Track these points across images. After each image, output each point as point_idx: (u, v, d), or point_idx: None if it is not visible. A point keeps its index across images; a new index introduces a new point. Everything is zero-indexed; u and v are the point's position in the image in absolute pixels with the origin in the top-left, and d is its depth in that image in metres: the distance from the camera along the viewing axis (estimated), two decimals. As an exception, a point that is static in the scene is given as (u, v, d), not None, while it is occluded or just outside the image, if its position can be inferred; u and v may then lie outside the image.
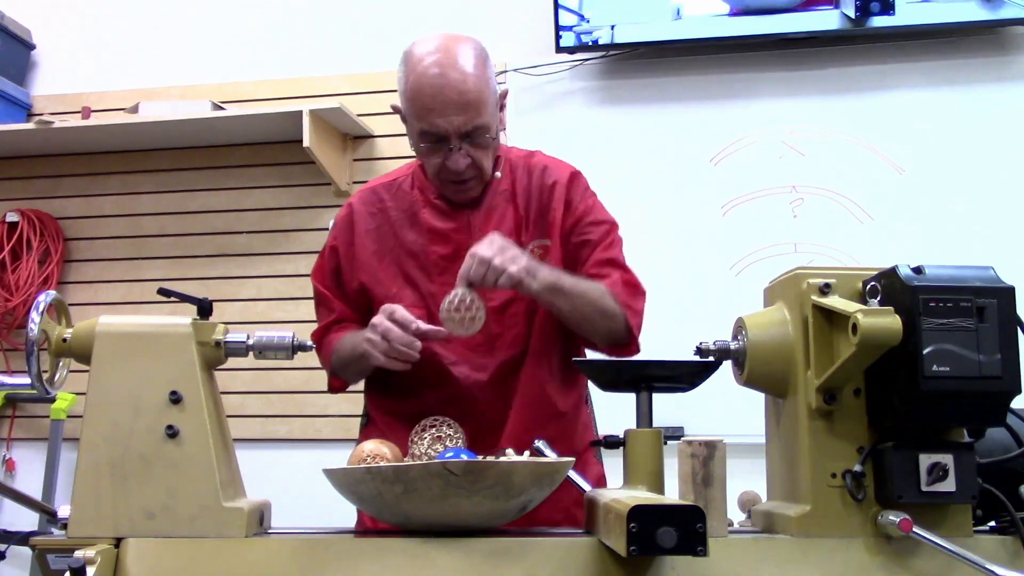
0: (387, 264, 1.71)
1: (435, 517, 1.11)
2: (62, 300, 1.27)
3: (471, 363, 1.66)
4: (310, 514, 1.58)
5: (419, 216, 1.72)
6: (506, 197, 1.72)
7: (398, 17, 3.24)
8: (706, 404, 2.00)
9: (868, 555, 1.10)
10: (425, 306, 1.67)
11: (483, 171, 1.66)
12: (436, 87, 1.57)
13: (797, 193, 2.91)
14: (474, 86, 1.58)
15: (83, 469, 1.16)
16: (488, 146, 1.64)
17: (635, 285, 1.70)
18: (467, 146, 1.61)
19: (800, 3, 2.87)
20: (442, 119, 1.57)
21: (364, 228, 1.73)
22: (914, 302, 1.04)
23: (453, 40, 1.62)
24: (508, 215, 1.70)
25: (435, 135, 1.59)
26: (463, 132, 1.59)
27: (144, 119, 3.03)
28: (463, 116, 1.57)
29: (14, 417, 3.24)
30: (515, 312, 1.67)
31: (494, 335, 1.66)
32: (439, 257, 1.69)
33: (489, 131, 1.62)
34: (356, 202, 1.78)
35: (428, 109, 1.58)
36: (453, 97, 1.56)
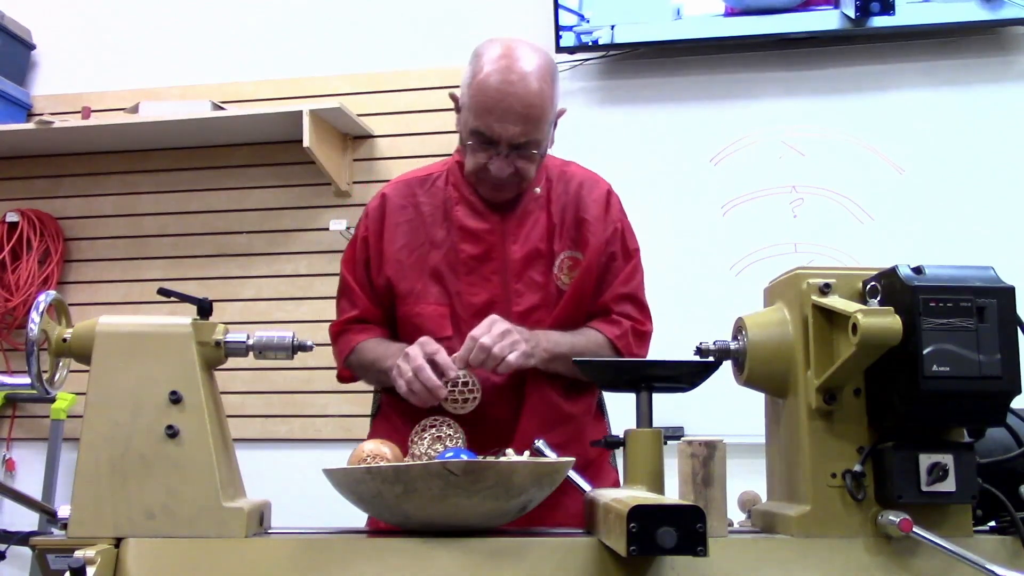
0: (415, 259, 1.70)
1: (435, 517, 1.11)
2: (62, 300, 1.27)
3: None
4: (310, 514, 1.58)
5: (452, 213, 1.71)
6: (540, 204, 1.72)
7: (398, 17, 3.24)
8: (706, 404, 2.00)
9: (868, 555, 1.10)
10: (449, 304, 1.67)
11: (523, 180, 1.66)
12: (502, 92, 1.57)
13: (797, 193, 2.91)
14: (538, 101, 1.58)
15: (83, 469, 1.16)
16: (535, 160, 1.64)
17: (643, 334, 1.72)
18: (515, 156, 1.61)
19: (800, 3, 2.87)
20: (499, 125, 1.57)
21: (394, 221, 1.73)
22: (914, 302, 1.04)
23: (530, 49, 1.63)
24: (541, 221, 1.70)
25: (487, 137, 1.60)
26: (515, 143, 1.59)
27: (144, 119, 3.03)
28: (520, 127, 1.58)
29: (14, 417, 3.24)
30: (537, 319, 1.67)
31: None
32: (468, 256, 1.68)
33: (540, 147, 1.63)
34: (389, 193, 1.76)
35: (488, 111, 1.58)
36: (516, 107, 1.57)
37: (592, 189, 1.75)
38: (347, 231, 3.05)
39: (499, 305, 1.67)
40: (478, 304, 1.67)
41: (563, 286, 1.69)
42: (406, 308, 1.69)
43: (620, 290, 1.72)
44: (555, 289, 1.69)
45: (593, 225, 1.71)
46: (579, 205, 1.72)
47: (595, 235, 1.70)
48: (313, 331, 2.98)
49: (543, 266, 1.69)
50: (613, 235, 1.73)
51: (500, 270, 1.68)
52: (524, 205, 1.71)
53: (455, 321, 1.67)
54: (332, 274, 3.07)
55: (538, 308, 1.68)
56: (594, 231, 1.71)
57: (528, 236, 1.69)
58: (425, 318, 1.68)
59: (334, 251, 3.12)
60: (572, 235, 1.71)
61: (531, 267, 1.68)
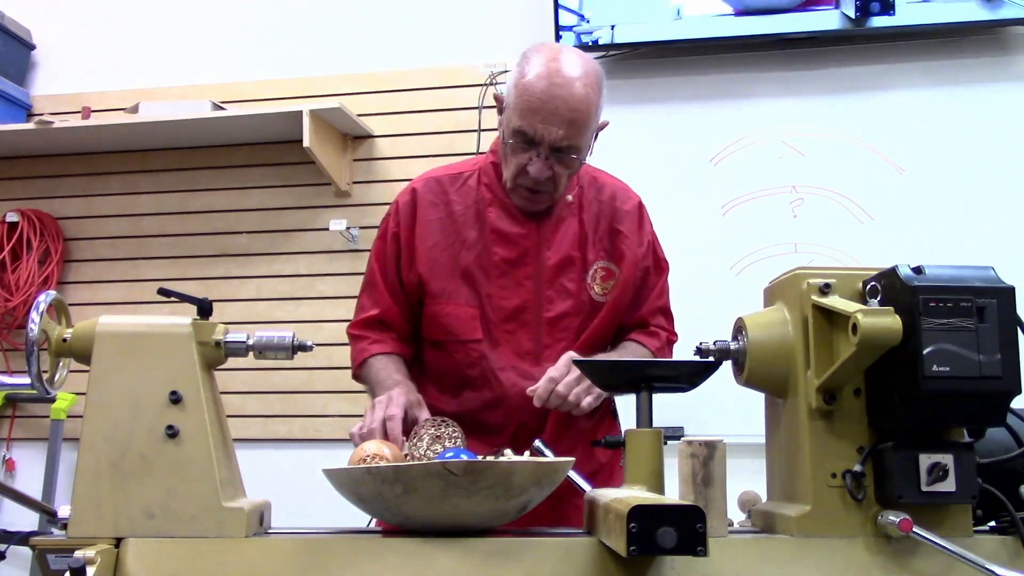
0: (447, 259, 1.68)
1: (435, 517, 1.11)
2: (62, 300, 1.27)
3: (518, 370, 1.65)
4: (310, 514, 1.58)
5: (484, 214, 1.70)
6: (572, 210, 1.72)
7: (398, 17, 3.24)
8: (706, 404, 2.00)
9: (868, 555, 1.10)
10: (479, 306, 1.66)
11: (558, 188, 1.65)
12: (550, 93, 1.56)
13: (797, 193, 2.91)
14: (584, 107, 1.58)
15: (83, 469, 1.16)
16: (573, 168, 1.64)
17: (673, 343, 1.80)
18: (554, 160, 1.60)
19: (800, 3, 2.87)
20: (543, 126, 1.56)
21: (426, 218, 1.71)
22: (914, 302, 1.04)
23: (579, 56, 1.63)
24: (573, 227, 1.71)
25: (530, 138, 1.58)
26: (557, 146, 1.58)
27: (144, 119, 3.03)
28: (564, 131, 1.56)
29: (14, 417, 3.24)
30: (566, 326, 1.67)
31: (543, 345, 1.66)
32: (501, 259, 1.67)
33: (579, 154, 1.62)
34: (420, 189, 1.74)
35: (534, 111, 1.57)
36: (562, 110, 1.56)
37: (625, 201, 1.76)
38: (347, 231, 3.06)
39: (530, 311, 1.66)
40: (509, 308, 1.66)
41: (596, 296, 1.69)
42: (436, 307, 1.68)
43: (656, 304, 1.77)
44: (588, 298, 1.68)
45: (629, 239, 1.72)
46: (613, 216, 1.73)
47: (631, 249, 1.71)
48: (313, 331, 3.01)
49: (575, 273, 1.69)
50: (648, 249, 1.75)
51: (533, 275, 1.67)
52: (558, 211, 1.71)
53: (485, 324, 1.66)
54: (332, 274, 3.11)
55: (568, 315, 1.67)
56: (629, 245, 1.71)
57: (561, 243, 1.69)
58: (455, 319, 1.67)
59: (334, 251, 3.13)
60: (606, 245, 1.71)
61: (563, 274, 1.68)
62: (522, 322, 1.67)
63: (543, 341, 1.66)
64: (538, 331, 1.66)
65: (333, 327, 3.05)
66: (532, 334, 1.67)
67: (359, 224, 3.09)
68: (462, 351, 1.67)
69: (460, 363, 1.67)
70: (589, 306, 1.69)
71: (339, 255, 3.12)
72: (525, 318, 1.67)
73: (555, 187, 1.64)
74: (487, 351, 1.66)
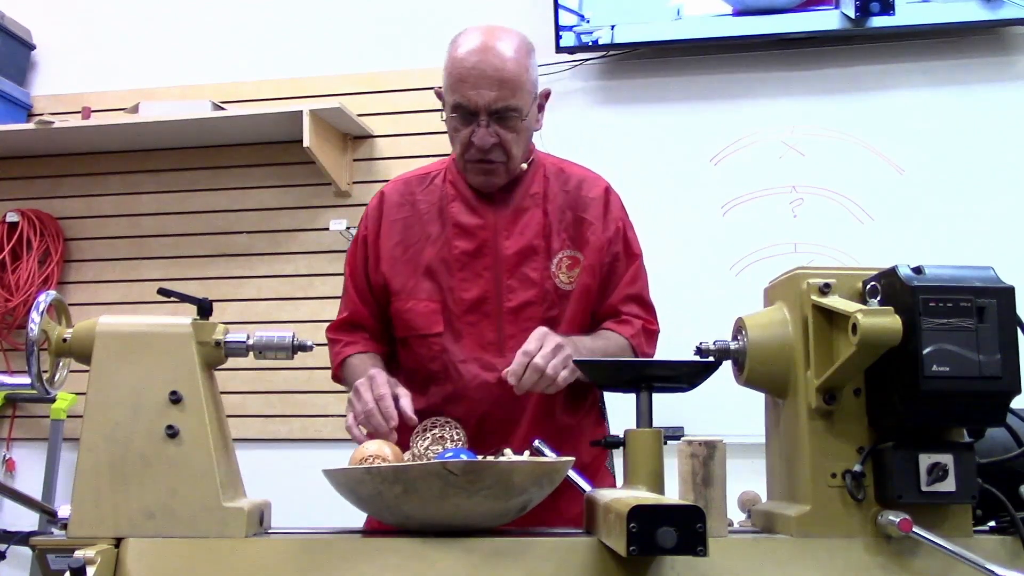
0: (409, 255, 1.71)
1: (435, 517, 1.11)
2: (62, 300, 1.27)
3: (480, 362, 1.65)
4: (310, 514, 1.58)
5: (447, 210, 1.72)
6: (536, 201, 1.71)
7: (398, 17, 3.24)
8: (706, 404, 2.00)
9: (868, 555, 1.10)
10: (441, 299, 1.67)
11: (511, 156, 1.65)
12: (474, 61, 1.60)
13: (797, 193, 2.91)
14: (512, 68, 1.60)
15: (83, 469, 1.16)
16: (518, 131, 1.64)
17: (653, 332, 1.74)
18: (496, 125, 1.61)
19: (800, 3, 2.87)
20: (474, 92, 1.59)
21: (391, 218, 1.74)
22: (914, 302, 1.04)
23: (500, 28, 1.67)
24: (536, 218, 1.70)
25: (466, 108, 1.61)
26: (493, 109, 1.60)
27: (144, 119, 3.03)
28: (496, 92, 1.59)
29: (14, 417, 3.24)
30: (530, 316, 1.66)
31: (506, 336, 1.66)
32: (461, 252, 1.69)
33: (520, 115, 1.62)
34: (388, 191, 1.79)
35: (462, 81, 1.60)
36: (489, 72, 1.59)
37: (591, 188, 1.74)
38: (347, 231, 3.06)
39: (491, 301, 1.66)
40: (469, 300, 1.67)
41: (562, 285, 1.68)
42: (399, 304, 1.70)
43: (626, 291, 1.72)
44: (552, 287, 1.68)
45: (593, 225, 1.71)
46: (578, 204, 1.72)
47: (596, 235, 1.70)
48: (313, 331, 2.97)
49: (539, 263, 1.68)
50: (615, 235, 1.72)
51: (492, 266, 1.68)
52: (518, 201, 1.71)
53: (447, 317, 1.67)
54: (332, 274, 3.11)
55: (531, 304, 1.67)
56: (594, 231, 1.70)
57: (523, 232, 1.69)
58: (416, 314, 1.68)
59: (334, 251, 3.13)
60: (571, 233, 1.70)
61: (525, 263, 1.68)
62: (484, 313, 1.67)
63: (506, 331, 1.65)
64: (500, 322, 1.66)
65: (333, 327, 3.05)
66: (494, 325, 1.66)
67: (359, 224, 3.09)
68: (424, 345, 1.68)
69: (423, 358, 1.68)
70: (554, 295, 1.67)
71: (339, 255, 3.12)
72: (486, 309, 1.67)
73: (506, 155, 1.64)
74: (448, 344, 1.66)
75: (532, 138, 1.73)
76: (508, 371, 1.48)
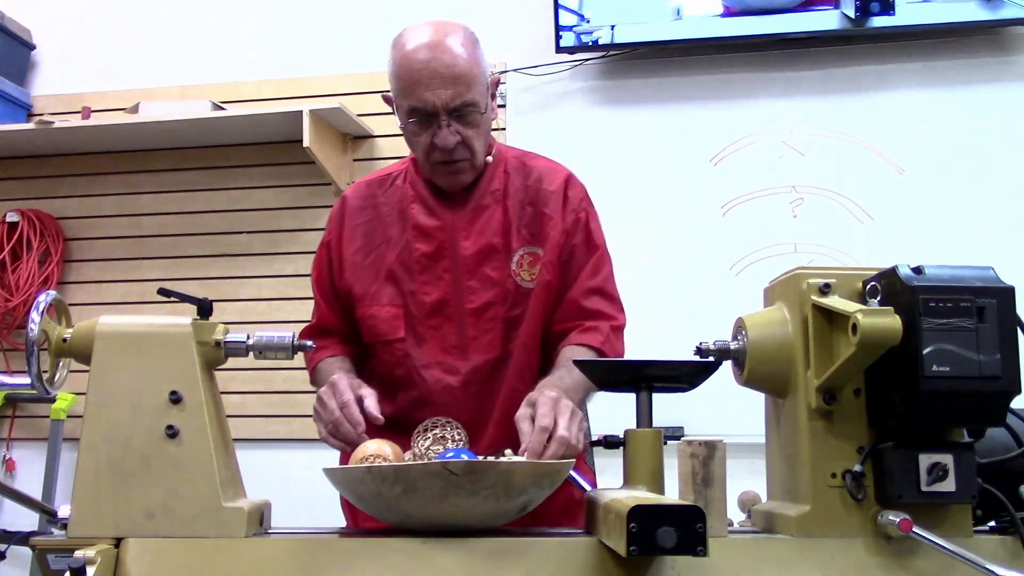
0: (371, 260, 1.69)
1: (435, 517, 1.11)
2: (62, 300, 1.27)
3: (443, 366, 1.63)
4: (310, 514, 1.58)
5: (407, 211, 1.69)
6: (496, 198, 1.68)
7: (398, 17, 3.19)
8: (706, 404, 2.00)
9: (868, 555, 1.10)
10: (403, 304, 1.65)
11: (474, 153, 1.62)
12: (424, 61, 1.55)
13: (797, 193, 2.91)
14: (463, 62, 1.56)
15: (83, 469, 1.16)
16: (478, 125, 1.60)
17: (618, 329, 1.67)
18: (456, 123, 1.57)
19: (800, 3, 2.87)
20: (430, 92, 1.54)
21: (353, 223, 1.72)
22: (914, 302, 1.04)
23: (441, 23, 1.62)
24: (496, 216, 1.67)
25: (423, 111, 1.56)
26: (452, 107, 1.55)
27: (144, 119, 3.03)
28: (452, 90, 1.54)
29: (14, 417, 3.24)
30: (492, 316, 1.63)
31: (469, 338, 1.63)
32: (421, 255, 1.66)
33: (479, 109, 1.58)
34: (349, 196, 1.76)
35: (416, 83, 1.55)
36: (441, 71, 1.54)
37: (551, 180, 1.70)
38: (347, 231, 3.06)
39: (452, 303, 1.63)
40: (430, 303, 1.64)
41: (523, 283, 1.64)
42: (362, 310, 1.68)
43: (587, 284, 1.67)
44: (513, 286, 1.64)
45: (553, 219, 1.67)
46: (538, 198, 1.68)
47: (555, 228, 1.66)
48: (313, 331, 3.00)
49: (499, 262, 1.65)
50: (574, 225, 1.68)
51: (451, 268, 1.65)
52: (477, 199, 1.68)
53: (408, 321, 1.65)
54: (332, 274, 3.10)
55: (493, 305, 1.64)
56: (554, 224, 1.66)
57: (482, 231, 1.66)
58: (379, 320, 1.66)
59: (334, 251, 3.12)
60: (531, 230, 1.67)
61: (485, 263, 1.64)
62: (446, 316, 1.64)
63: (468, 333, 1.63)
64: (462, 323, 1.63)
65: (333, 327, 3.05)
66: (456, 327, 1.63)
67: (359, 224, 3.09)
68: (388, 351, 1.66)
69: (388, 363, 1.66)
70: (515, 294, 1.64)
71: (339, 255, 3.12)
72: (448, 311, 1.64)
73: (471, 152, 1.61)
74: (410, 349, 1.64)
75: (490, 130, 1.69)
76: (527, 451, 1.32)
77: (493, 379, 1.63)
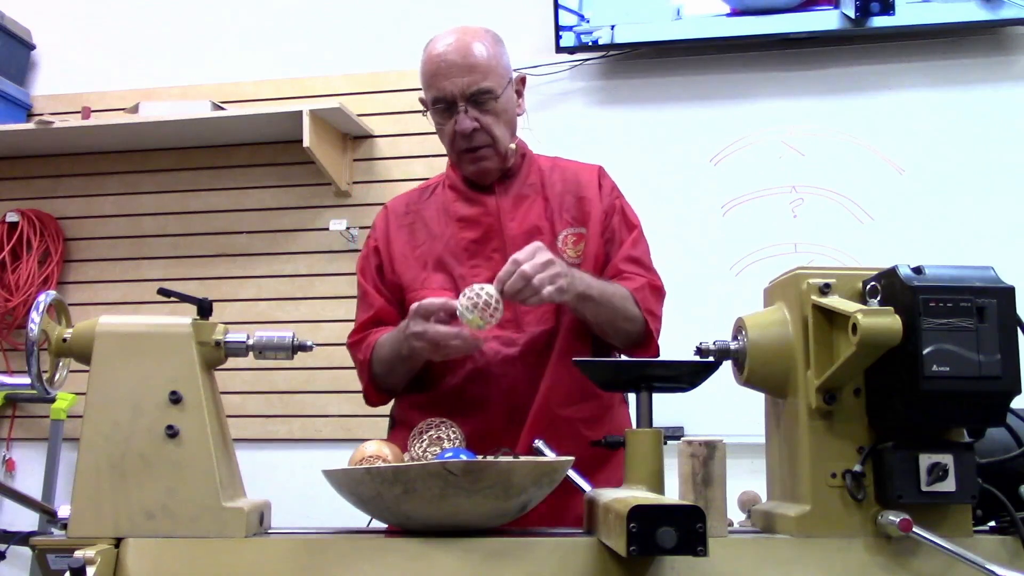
0: (419, 253, 1.75)
1: (435, 517, 1.11)
2: (62, 300, 1.27)
3: (500, 339, 1.67)
4: (310, 514, 1.59)
5: (450, 209, 1.77)
6: (535, 189, 1.77)
7: (398, 17, 3.24)
8: (706, 404, 2.00)
9: (868, 555, 1.10)
10: (454, 287, 1.70)
11: (496, 139, 1.70)
12: (443, 54, 1.68)
13: (797, 193, 2.91)
14: (480, 52, 1.68)
15: (83, 469, 1.16)
16: (496, 112, 1.69)
17: (658, 289, 1.74)
18: (474, 110, 1.67)
19: (800, 3, 2.87)
20: (448, 81, 1.66)
21: (398, 224, 1.79)
22: (914, 302, 1.04)
23: (466, 26, 1.74)
24: (538, 203, 1.75)
25: (444, 99, 1.68)
26: (468, 94, 1.66)
27: (144, 119, 3.03)
28: (468, 78, 1.66)
29: (14, 417, 3.24)
30: None
31: (522, 312, 1.68)
32: (468, 242, 1.72)
33: (494, 95, 1.68)
34: (392, 204, 1.85)
35: (437, 75, 1.68)
36: (458, 61, 1.67)
37: (585, 172, 1.80)
38: (347, 231, 3.06)
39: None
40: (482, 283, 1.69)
41: (570, 260, 1.70)
42: (412, 295, 1.72)
43: (626, 254, 1.74)
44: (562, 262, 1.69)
45: (592, 202, 1.75)
46: (577, 187, 1.77)
47: (595, 208, 1.75)
48: (313, 331, 3.01)
49: (545, 240, 1.69)
50: (611, 209, 1.76)
51: (500, 248, 1.70)
52: (517, 190, 1.76)
53: None
54: (332, 274, 3.11)
55: None
56: (593, 205, 1.75)
57: (526, 215, 1.73)
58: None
59: (334, 251, 3.13)
60: (573, 213, 1.75)
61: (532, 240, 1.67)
62: None
63: (521, 308, 1.67)
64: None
65: (333, 327, 3.04)
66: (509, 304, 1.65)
67: (359, 224, 3.09)
68: None
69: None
70: None
71: (339, 255, 3.12)
72: None
73: (492, 138, 1.70)
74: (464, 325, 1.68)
75: (516, 122, 1.77)
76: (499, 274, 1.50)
77: (548, 348, 1.68)
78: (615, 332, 1.67)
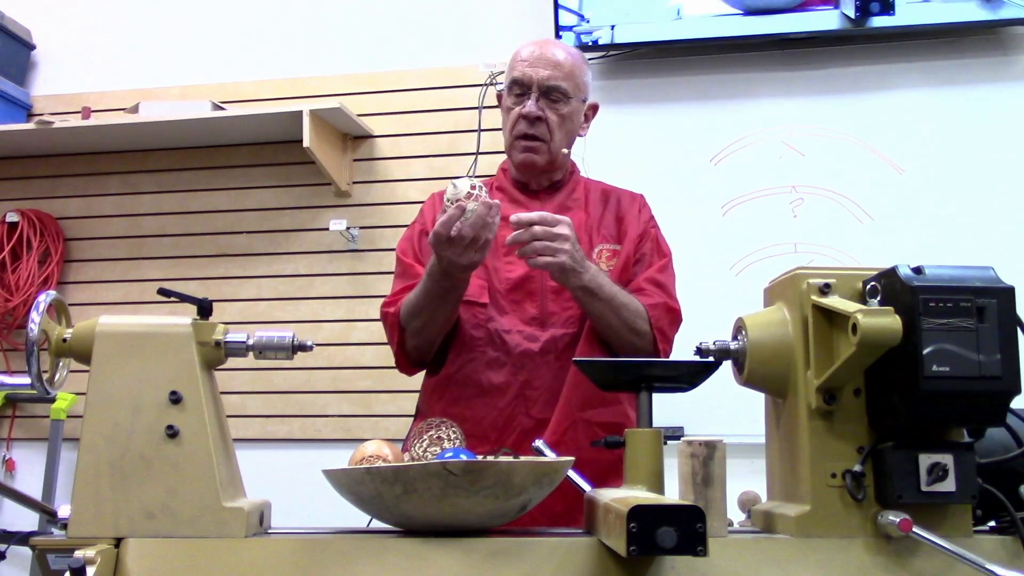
0: None
1: (435, 517, 1.11)
2: (62, 300, 1.27)
3: (524, 333, 1.73)
4: (310, 514, 1.58)
5: None
6: (578, 204, 1.84)
7: (398, 17, 3.24)
8: (706, 404, 2.00)
9: (868, 555, 1.10)
10: (487, 279, 1.76)
11: (552, 137, 1.79)
12: (534, 47, 1.82)
13: (797, 193, 2.91)
14: (568, 60, 1.81)
15: (83, 469, 1.16)
16: (561, 116, 1.79)
17: (674, 312, 1.77)
18: (544, 102, 1.77)
19: (800, 3, 2.87)
20: (530, 68, 1.79)
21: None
22: (914, 302, 1.04)
23: (561, 41, 1.87)
24: (579, 216, 1.81)
25: (521, 83, 1.79)
26: (544, 86, 1.77)
27: (144, 119, 3.03)
28: (549, 72, 1.78)
29: (14, 417, 3.24)
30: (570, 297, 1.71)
31: (548, 313, 1.74)
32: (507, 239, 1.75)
33: (568, 98, 1.79)
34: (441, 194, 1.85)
35: (522, 61, 1.81)
36: (547, 56, 1.80)
37: (627, 198, 1.89)
38: (347, 231, 3.06)
39: (535, 280, 1.75)
40: (513, 279, 1.76)
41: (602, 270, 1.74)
42: None
43: (651, 276, 1.78)
44: None
45: (629, 224, 1.82)
46: (618, 207, 1.85)
47: (632, 229, 1.81)
48: (313, 331, 3.01)
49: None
50: (645, 234, 1.83)
51: None
52: (561, 200, 1.83)
53: (492, 293, 1.76)
54: (332, 274, 3.11)
55: None
56: (631, 226, 1.82)
57: None
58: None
59: (334, 251, 3.13)
60: (611, 230, 1.82)
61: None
62: (527, 291, 1.76)
63: (548, 308, 1.74)
64: (543, 299, 1.75)
65: (333, 327, 3.05)
66: (537, 302, 1.76)
67: (359, 224, 3.10)
68: (468, 312, 1.75)
69: (466, 323, 1.75)
70: None
71: (339, 255, 3.12)
72: (530, 287, 1.75)
73: (550, 135, 1.78)
74: (494, 315, 1.74)
75: (575, 137, 1.86)
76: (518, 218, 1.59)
77: (569, 350, 1.72)
78: (620, 343, 1.70)
